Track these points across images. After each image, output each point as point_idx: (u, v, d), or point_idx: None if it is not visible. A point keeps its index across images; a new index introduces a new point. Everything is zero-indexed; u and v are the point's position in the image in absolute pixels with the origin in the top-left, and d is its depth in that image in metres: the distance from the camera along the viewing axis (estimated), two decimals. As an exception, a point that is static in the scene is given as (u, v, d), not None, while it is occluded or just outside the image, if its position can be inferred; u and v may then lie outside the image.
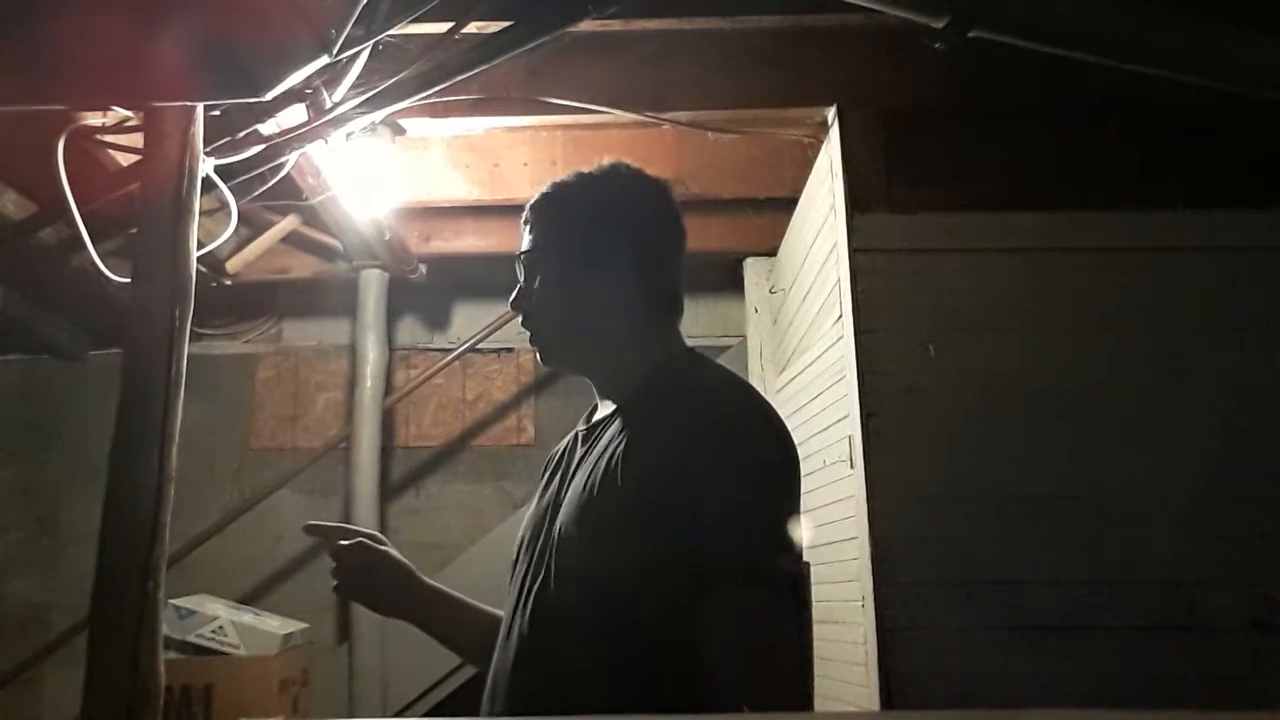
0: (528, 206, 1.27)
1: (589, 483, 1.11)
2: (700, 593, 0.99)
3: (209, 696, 2.39)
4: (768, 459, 1.08)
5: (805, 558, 1.09)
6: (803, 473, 1.12)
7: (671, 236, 1.25)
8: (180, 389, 1.38)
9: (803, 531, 1.07)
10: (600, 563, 1.06)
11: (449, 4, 1.64)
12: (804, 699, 1.02)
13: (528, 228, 1.26)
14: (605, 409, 1.23)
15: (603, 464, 1.11)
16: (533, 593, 1.12)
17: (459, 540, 3.48)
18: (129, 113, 1.76)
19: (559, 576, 1.09)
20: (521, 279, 1.26)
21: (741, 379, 1.23)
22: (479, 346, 3.61)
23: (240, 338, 3.73)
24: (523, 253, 1.26)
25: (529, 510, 1.26)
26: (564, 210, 1.24)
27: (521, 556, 1.19)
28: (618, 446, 1.10)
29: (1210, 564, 1.99)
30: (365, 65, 1.74)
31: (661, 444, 1.07)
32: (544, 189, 1.27)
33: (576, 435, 1.26)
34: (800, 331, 2.72)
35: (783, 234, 3.00)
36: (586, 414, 1.29)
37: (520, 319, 1.25)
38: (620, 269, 1.20)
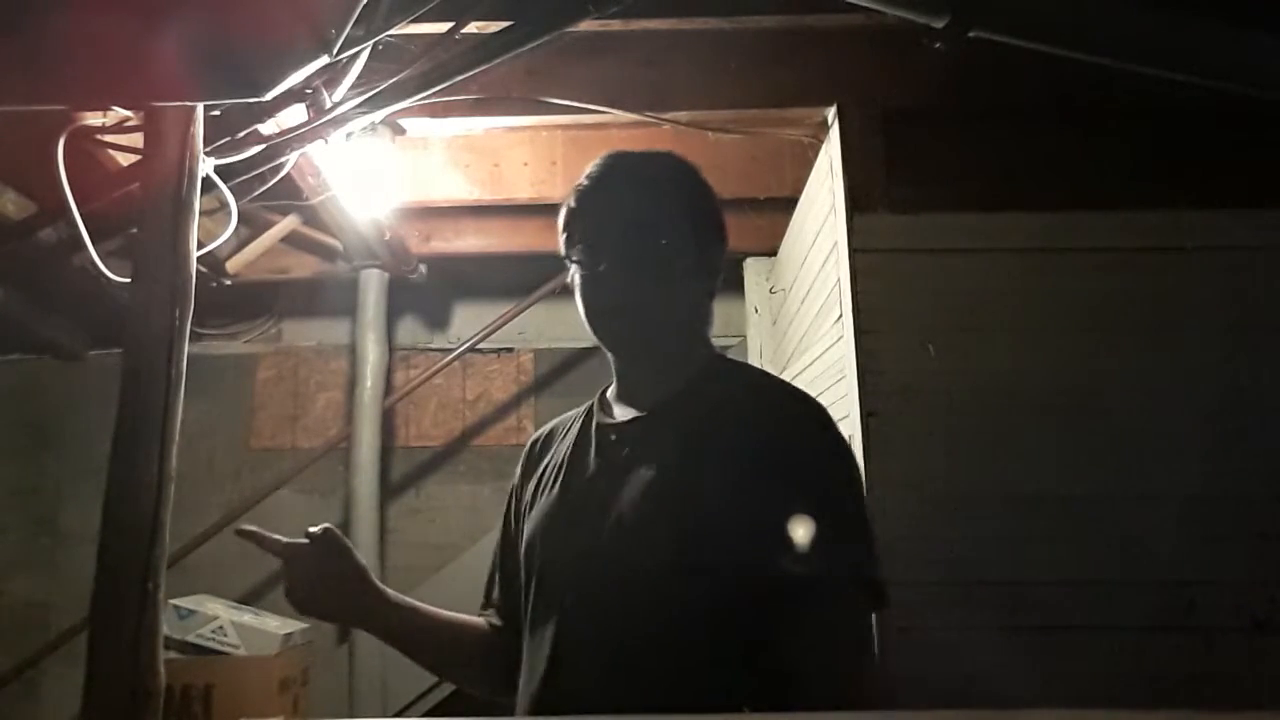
0: (595, 186, 1.19)
1: (662, 484, 1.08)
2: (801, 593, 0.98)
3: (209, 696, 2.39)
4: (854, 461, 1.11)
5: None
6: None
7: (724, 240, 1.27)
8: (180, 389, 1.38)
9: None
10: (693, 559, 1.02)
11: (449, 4, 1.64)
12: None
13: (601, 212, 1.18)
14: (626, 410, 1.20)
15: (673, 464, 1.08)
16: (596, 591, 1.08)
17: (459, 540, 3.49)
18: (129, 113, 1.76)
19: (636, 572, 1.05)
20: (598, 264, 1.16)
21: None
22: (479, 346, 3.61)
23: (240, 338, 3.73)
24: (594, 237, 1.17)
25: (535, 505, 1.22)
26: (664, 191, 1.20)
27: (548, 553, 1.15)
28: (687, 447, 1.09)
29: (1210, 564, 1.99)
30: (365, 65, 1.74)
31: (761, 447, 1.05)
32: (617, 167, 1.20)
33: (599, 429, 1.21)
34: (800, 331, 2.72)
35: (783, 234, 3.00)
36: (595, 407, 1.25)
37: (597, 307, 1.18)
38: (694, 261, 1.19)
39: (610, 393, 1.27)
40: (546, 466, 1.27)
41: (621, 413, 1.22)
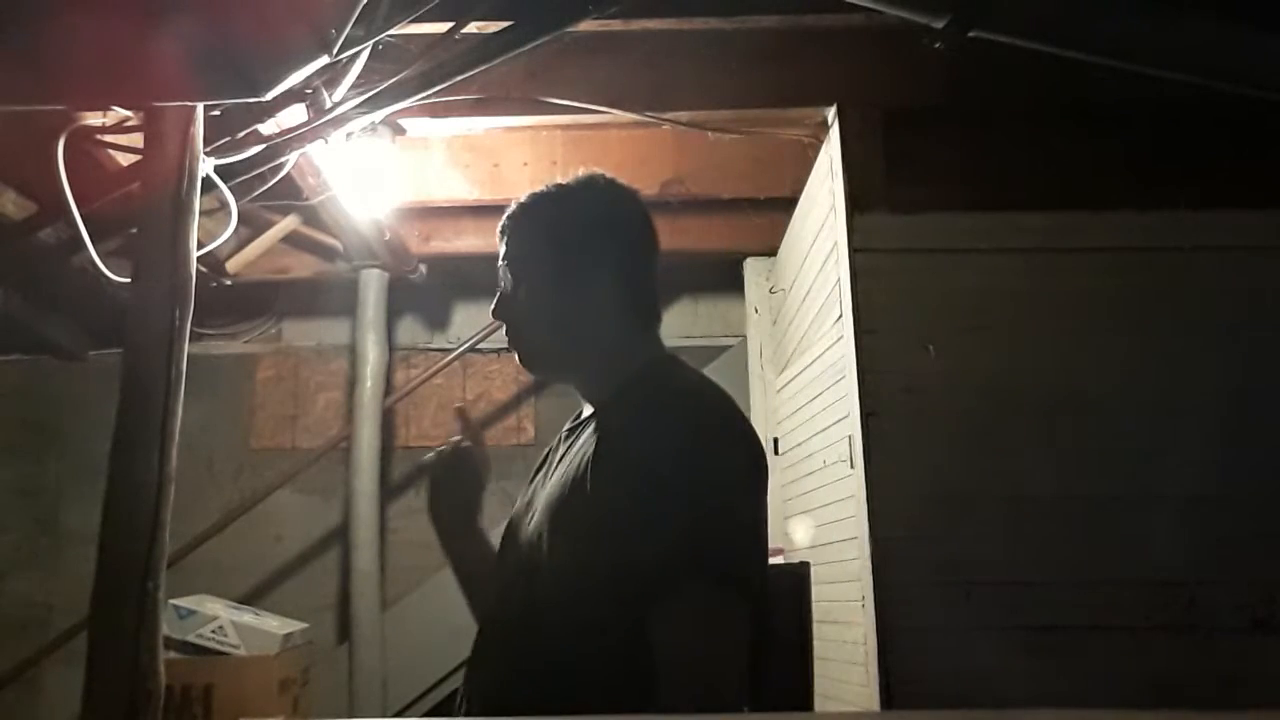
0: (505, 216, 1.29)
1: (561, 483, 1.14)
2: (653, 594, 1.01)
3: (209, 696, 2.39)
4: (731, 462, 1.10)
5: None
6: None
7: (647, 245, 1.28)
8: (180, 389, 1.38)
9: (764, 533, 1.11)
10: (567, 562, 1.09)
11: (449, 4, 1.64)
12: (739, 704, 1.02)
13: (504, 237, 1.29)
14: (587, 411, 1.27)
15: (574, 465, 1.14)
16: (509, 588, 1.17)
17: (459, 540, 3.48)
18: (129, 113, 1.76)
19: (530, 574, 1.13)
20: (502, 287, 1.28)
21: (712, 383, 1.22)
22: (479, 346, 3.61)
23: (240, 338, 3.73)
24: (502, 262, 1.28)
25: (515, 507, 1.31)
26: (542, 221, 1.26)
27: (502, 553, 1.25)
28: (589, 449, 1.13)
29: (1210, 564, 1.99)
30: (365, 65, 1.74)
31: (625, 446, 1.10)
32: (521, 199, 1.29)
33: (561, 435, 1.30)
34: (800, 331, 2.72)
35: (783, 234, 3.00)
36: (575, 414, 1.32)
37: (503, 327, 1.28)
38: (597, 278, 1.22)
39: None
40: (532, 474, 1.34)
41: (582, 417, 1.28)
